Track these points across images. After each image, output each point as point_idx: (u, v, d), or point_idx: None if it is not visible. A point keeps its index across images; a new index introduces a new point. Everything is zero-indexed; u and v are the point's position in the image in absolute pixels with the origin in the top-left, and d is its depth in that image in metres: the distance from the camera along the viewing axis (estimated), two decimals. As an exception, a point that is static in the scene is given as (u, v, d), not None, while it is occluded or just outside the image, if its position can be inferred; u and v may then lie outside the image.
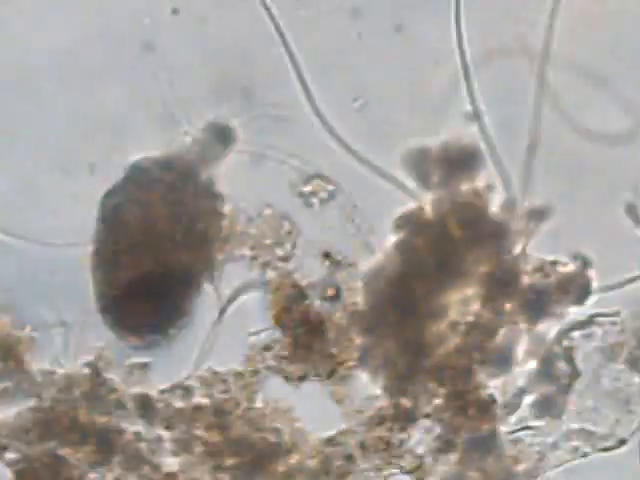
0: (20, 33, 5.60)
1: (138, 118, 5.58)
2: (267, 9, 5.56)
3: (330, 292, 5.59)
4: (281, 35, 5.58)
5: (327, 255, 5.59)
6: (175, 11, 5.59)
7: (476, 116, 5.60)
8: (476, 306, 5.54)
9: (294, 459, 5.61)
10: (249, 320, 5.62)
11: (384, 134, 5.61)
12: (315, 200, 5.62)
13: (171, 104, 5.56)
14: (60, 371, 5.57)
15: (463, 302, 5.53)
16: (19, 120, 5.60)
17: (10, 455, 5.57)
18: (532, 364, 5.62)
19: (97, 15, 5.58)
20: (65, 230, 5.54)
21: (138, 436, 5.58)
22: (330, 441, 5.63)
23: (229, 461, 5.59)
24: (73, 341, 5.57)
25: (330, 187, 5.61)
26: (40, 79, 5.58)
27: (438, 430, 5.60)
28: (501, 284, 5.55)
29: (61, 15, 5.57)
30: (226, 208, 5.56)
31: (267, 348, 5.59)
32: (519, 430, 5.63)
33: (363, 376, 5.62)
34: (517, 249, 5.58)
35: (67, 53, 5.56)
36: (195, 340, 5.60)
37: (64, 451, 5.55)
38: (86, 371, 5.57)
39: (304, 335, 5.56)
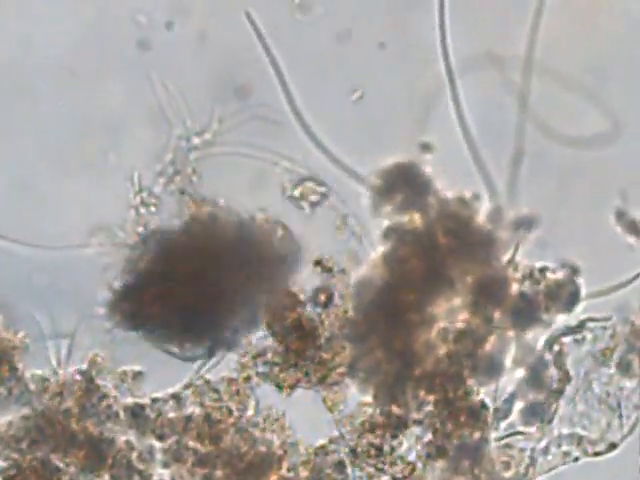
0: (19, 33, 5.65)
1: (135, 118, 5.61)
2: (252, 23, 5.69)
3: (322, 298, 5.61)
4: (266, 48, 5.66)
5: (318, 262, 5.61)
6: (169, 25, 5.67)
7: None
8: (465, 314, 5.57)
9: (285, 469, 5.57)
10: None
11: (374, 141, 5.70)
12: (305, 204, 5.65)
13: (166, 104, 5.60)
14: (53, 378, 5.56)
15: (452, 310, 5.55)
16: (17, 120, 5.63)
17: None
18: (520, 372, 5.63)
19: (94, 16, 5.64)
20: (62, 232, 5.55)
21: (129, 445, 5.56)
22: (321, 449, 5.61)
23: (220, 472, 5.56)
24: (67, 347, 5.55)
25: (322, 189, 5.63)
26: (38, 79, 5.62)
27: (429, 436, 5.59)
28: (490, 292, 5.58)
29: (58, 16, 5.63)
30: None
31: (260, 355, 5.61)
32: (510, 435, 5.62)
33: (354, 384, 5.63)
34: (505, 257, 5.64)
35: (65, 53, 5.61)
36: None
37: (55, 458, 5.51)
38: (79, 378, 5.56)
39: (296, 341, 5.57)
